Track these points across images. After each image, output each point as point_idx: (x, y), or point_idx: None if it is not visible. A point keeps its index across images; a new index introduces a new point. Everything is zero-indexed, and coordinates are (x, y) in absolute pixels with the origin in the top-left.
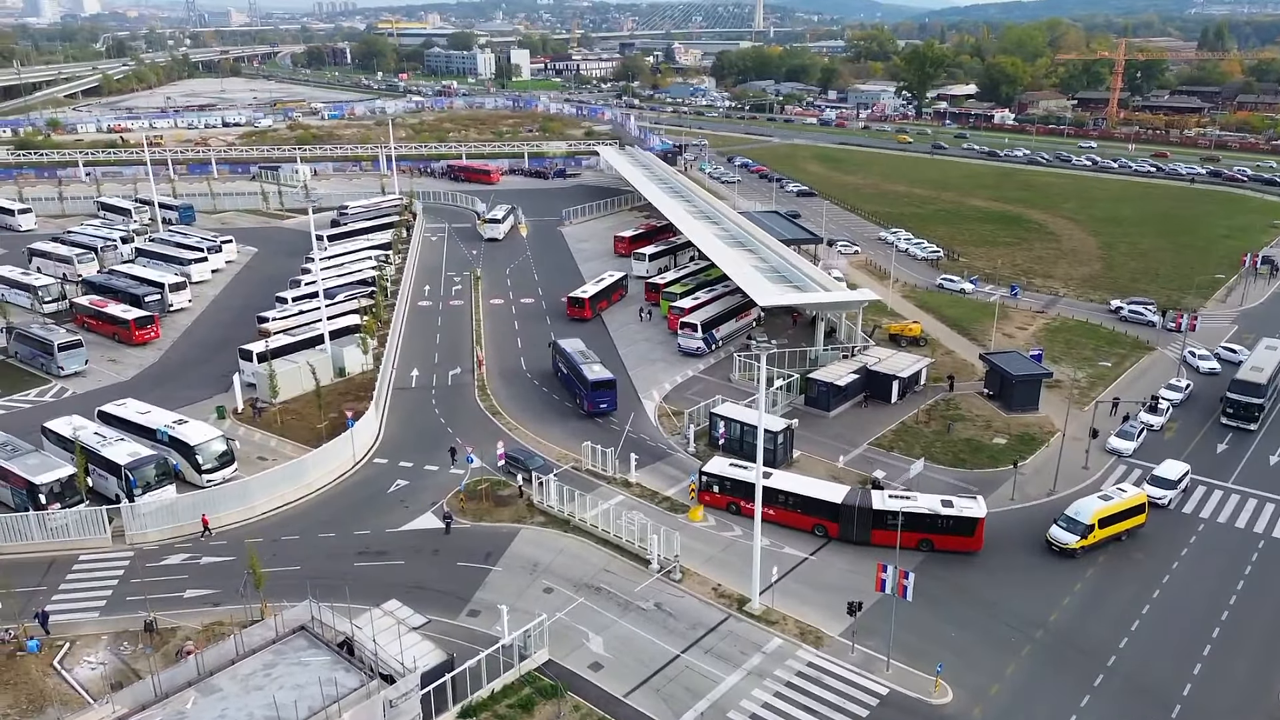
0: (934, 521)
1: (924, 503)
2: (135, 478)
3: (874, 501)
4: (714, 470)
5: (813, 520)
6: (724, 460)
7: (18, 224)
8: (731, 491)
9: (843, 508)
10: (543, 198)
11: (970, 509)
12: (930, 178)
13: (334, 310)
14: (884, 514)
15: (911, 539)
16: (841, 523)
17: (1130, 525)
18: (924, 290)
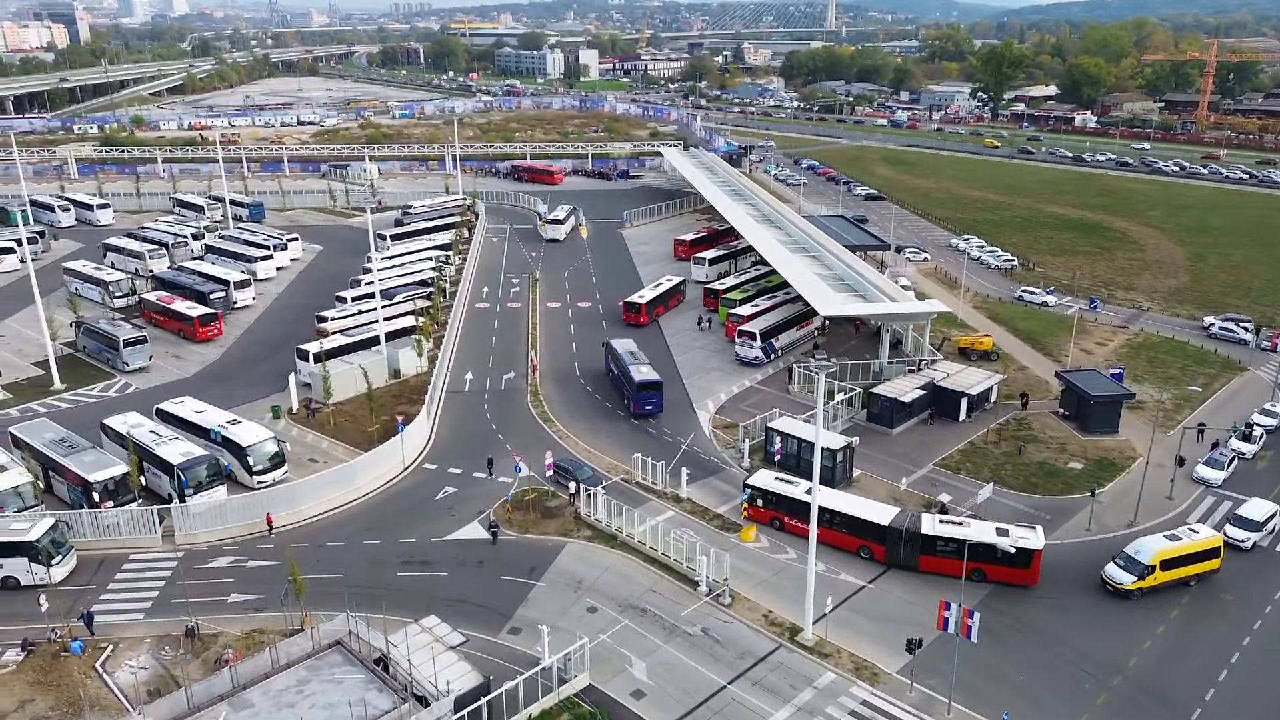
0: (987, 551)
1: (977, 530)
2: (187, 478)
3: (923, 526)
4: (759, 484)
5: (859, 541)
6: (769, 474)
7: (96, 219)
8: (776, 506)
9: (890, 530)
10: (604, 199)
11: (1027, 540)
12: (1006, 182)
13: (391, 311)
14: (933, 539)
15: (961, 567)
16: (888, 546)
17: (1201, 570)
18: (997, 301)
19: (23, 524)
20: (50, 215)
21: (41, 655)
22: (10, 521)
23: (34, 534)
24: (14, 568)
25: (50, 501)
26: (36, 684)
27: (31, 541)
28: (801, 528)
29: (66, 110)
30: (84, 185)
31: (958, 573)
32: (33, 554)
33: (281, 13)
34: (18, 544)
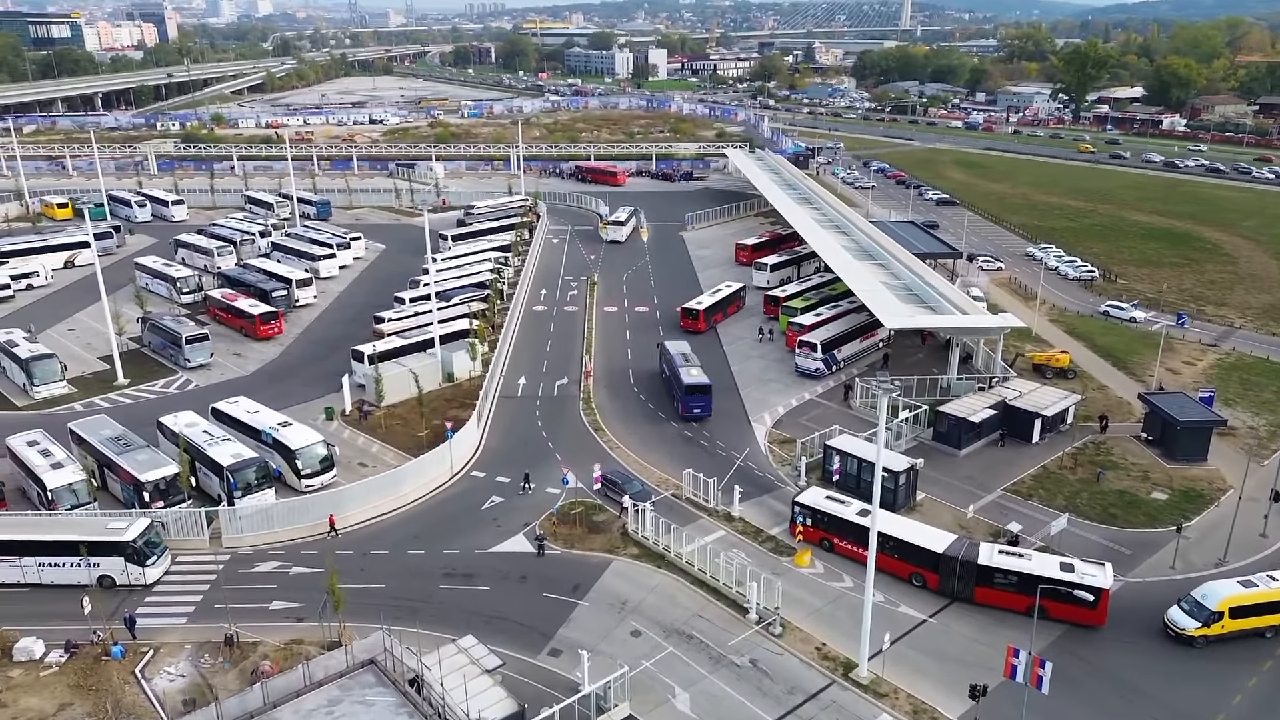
0: (1049, 586)
1: (1040, 563)
2: (236, 479)
3: (980, 556)
4: (808, 502)
5: (911, 568)
6: (820, 492)
7: (171, 214)
8: (825, 527)
9: (944, 558)
10: (667, 201)
11: (1094, 577)
12: (1086, 187)
13: (448, 313)
14: (991, 571)
15: (1021, 602)
16: (942, 574)
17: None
18: (1075, 314)
19: (120, 524)
20: (128, 210)
21: (83, 658)
22: (108, 520)
23: (130, 534)
24: (110, 567)
25: (104, 499)
26: (76, 688)
27: (128, 541)
28: (851, 550)
29: (151, 107)
30: (163, 181)
31: (1016, 608)
32: (129, 554)
33: (360, 13)
34: (114, 544)
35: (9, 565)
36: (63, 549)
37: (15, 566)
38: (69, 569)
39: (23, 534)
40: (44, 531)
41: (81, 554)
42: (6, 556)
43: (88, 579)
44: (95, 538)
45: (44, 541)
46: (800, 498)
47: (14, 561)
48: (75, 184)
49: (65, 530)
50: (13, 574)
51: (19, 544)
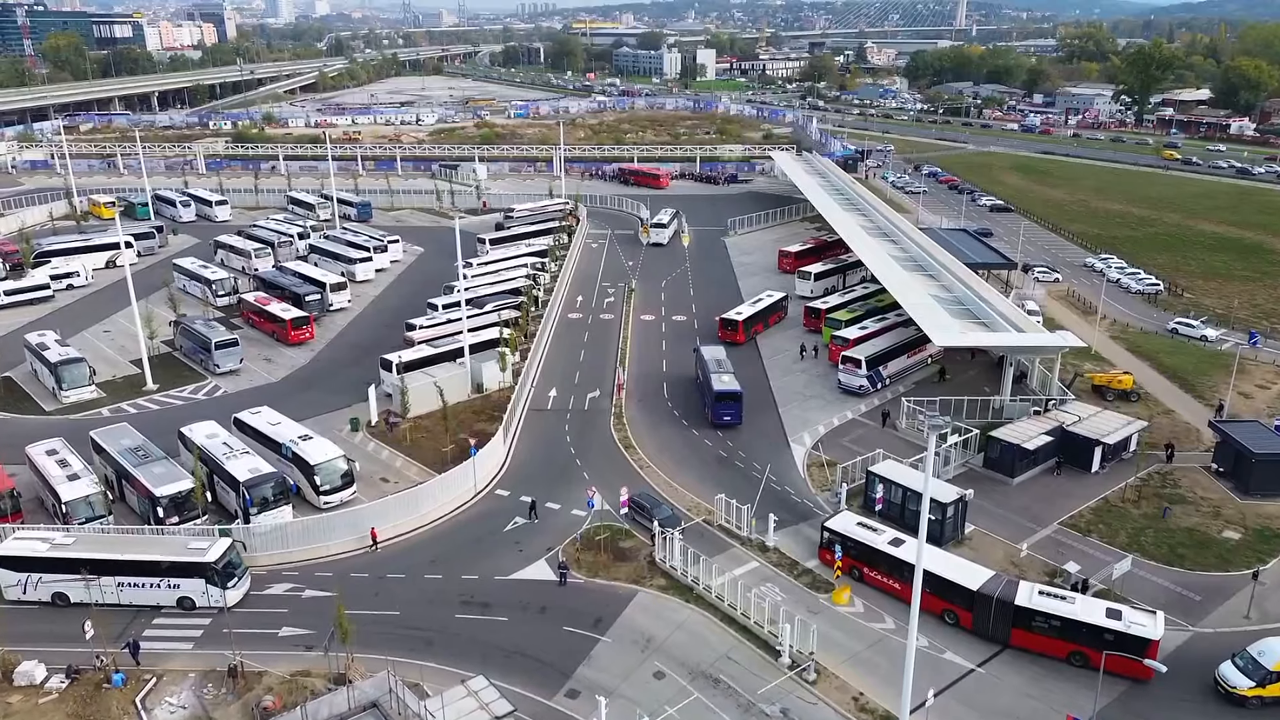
0: (1092, 633)
1: (1083, 608)
2: (251, 496)
3: (1018, 595)
4: (838, 528)
5: (944, 604)
6: (852, 517)
7: (215, 215)
8: (856, 555)
9: (979, 596)
10: (709, 205)
11: (1143, 627)
12: (1150, 195)
13: (481, 320)
14: (1029, 612)
15: (1061, 649)
16: (976, 613)
17: None
18: (1138, 331)
19: (200, 543)
20: (172, 210)
21: (84, 684)
22: (188, 540)
23: (212, 555)
24: (191, 588)
25: (121, 512)
26: (74, 716)
27: (210, 563)
28: (881, 580)
29: (205, 106)
30: (210, 181)
31: (1056, 653)
32: (210, 575)
33: (414, 13)
34: (196, 564)
35: (86, 585)
36: (142, 569)
37: (94, 586)
38: (148, 589)
39: (101, 552)
40: (122, 550)
41: (161, 574)
42: (85, 575)
43: (168, 600)
44: (176, 558)
45: (122, 561)
46: (830, 523)
47: (92, 580)
48: (124, 183)
49: (145, 549)
50: (90, 593)
51: (97, 563)
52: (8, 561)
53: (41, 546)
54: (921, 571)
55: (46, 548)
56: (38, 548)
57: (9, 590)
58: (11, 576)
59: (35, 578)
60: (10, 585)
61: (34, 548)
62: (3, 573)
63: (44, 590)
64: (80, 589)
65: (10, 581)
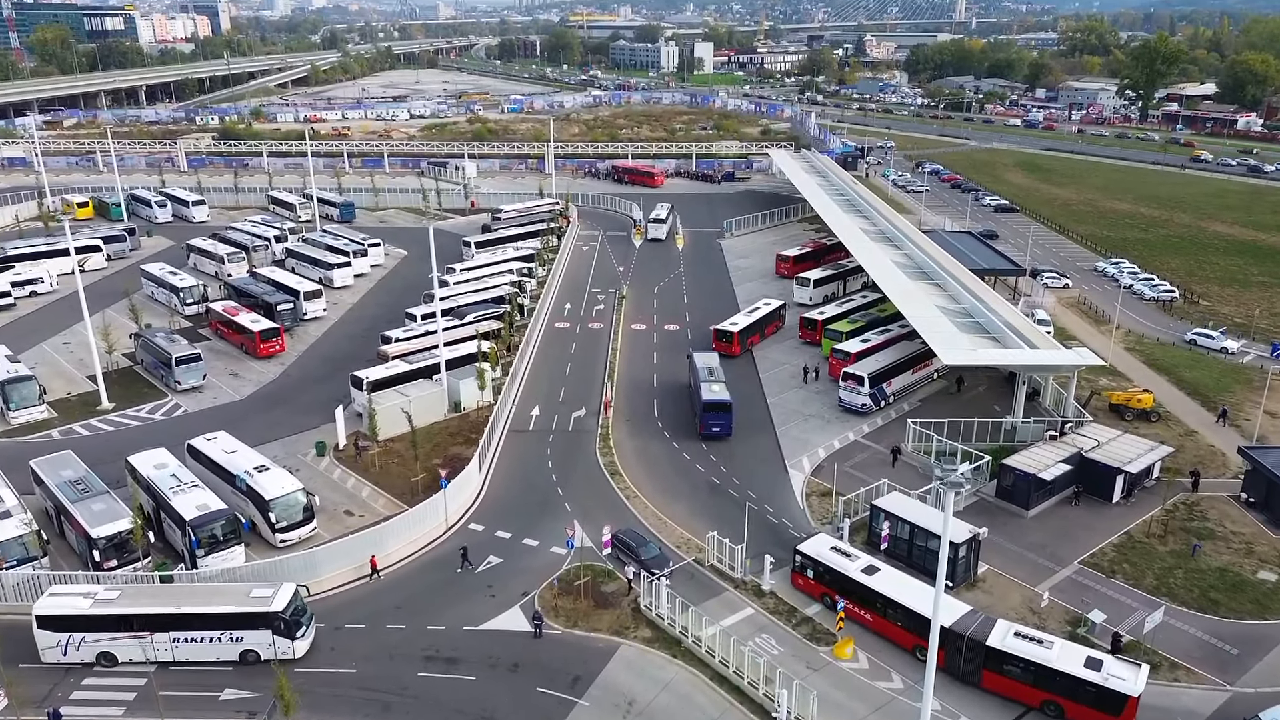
0: (1068, 683)
1: (1060, 654)
2: (197, 537)
3: (992, 636)
4: (811, 552)
5: (915, 639)
6: (826, 540)
7: (191, 215)
8: (827, 582)
9: (950, 633)
10: (706, 204)
11: (1121, 680)
12: (1160, 194)
13: (460, 332)
14: (1001, 655)
15: (1034, 696)
16: (948, 651)
17: None
18: (1154, 342)
19: (264, 591)
20: (148, 210)
21: None
22: (250, 588)
23: (278, 603)
24: (256, 641)
25: (60, 552)
26: None
27: (277, 612)
28: (853, 610)
29: (193, 101)
30: (192, 179)
31: (1029, 701)
32: (277, 625)
33: (411, 6)
34: (261, 615)
35: (138, 642)
36: (201, 623)
37: (145, 643)
38: (208, 644)
39: (153, 606)
40: (177, 603)
41: (223, 627)
42: (135, 632)
43: (230, 655)
44: (239, 609)
45: (178, 615)
46: (803, 546)
47: (143, 638)
48: (104, 181)
49: (203, 601)
50: (142, 651)
51: (148, 618)
52: (47, 621)
53: (83, 603)
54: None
55: (89, 604)
56: (79, 604)
57: (47, 653)
58: (50, 638)
59: (78, 638)
60: (49, 647)
61: (75, 604)
62: (41, 634)
63: (87, 651)
64: (131, 647)
65: (49, 643)
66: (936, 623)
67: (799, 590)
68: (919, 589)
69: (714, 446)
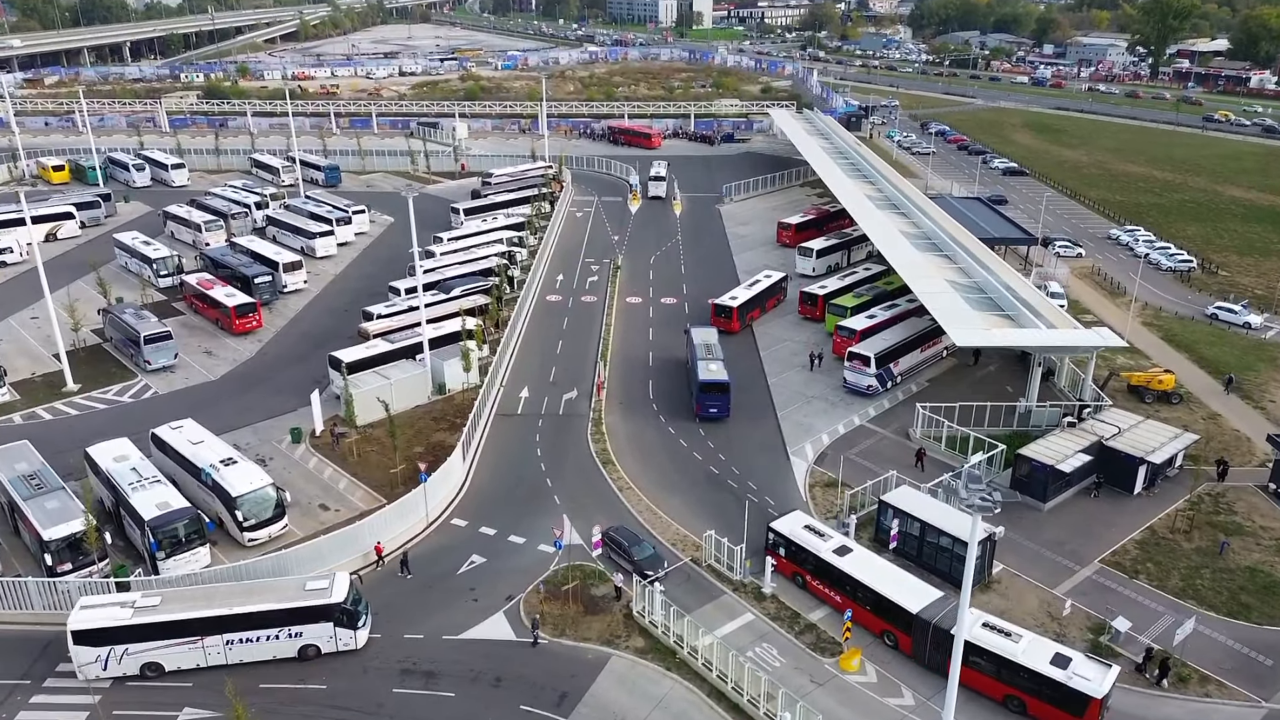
0: (1031, 678)
1: (1027, 649)
2: (157, 539)
3: (955, 625)
4: (784, 530)
5: (883, 625)
6: (801, 519)
7: (171, 179)
8: (800, 561)
9: (917, 621)
10: (704, 167)
11: (1085, 680)
12: (1173, 156)
13: (446, 307)
14: (966, 645)
15: (997, 690)
16: (915, 638)
17: None
18: (1172, 316)
19: (319, 583)
20: (126, 174)
21: None
22: (305, 580)
23: (338, 594)
24: (316, 635)
25: (15, 552)
26: None
27: (338, 604)
28: (823, 591)
29: (179, 57)
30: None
31: (992, 694)
32: (338, 617)
33: None
34: (322, 608)
35: (188, 648)
36: (257, 621)
37: (196, 648)
38: (264, 643)
39: (202, 610)
40: (229, 603)
41: (280, 624)
42: (184, 638)
43: (288, 652)
44: (298, 604)
45: (232, 616)
46: (776, 524)
47: (194, 643)
48: (82, 142)
49: (256, 599)
50: (192, 657)
51: (200, 623)
52: (84, 636)
53: (123, 613)
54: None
55: (130, 613)
56: (119, 615)
57: (86, 669)
58: (89, 653)
59: (120, 650)
60: (87, 663)
61: (114, 615)
62: (78, 650)
63: (131, 663)
64: (180, 654)
65: (87, 659)
66: (960, 638)
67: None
68: (891, 574)
69: (712, 432)
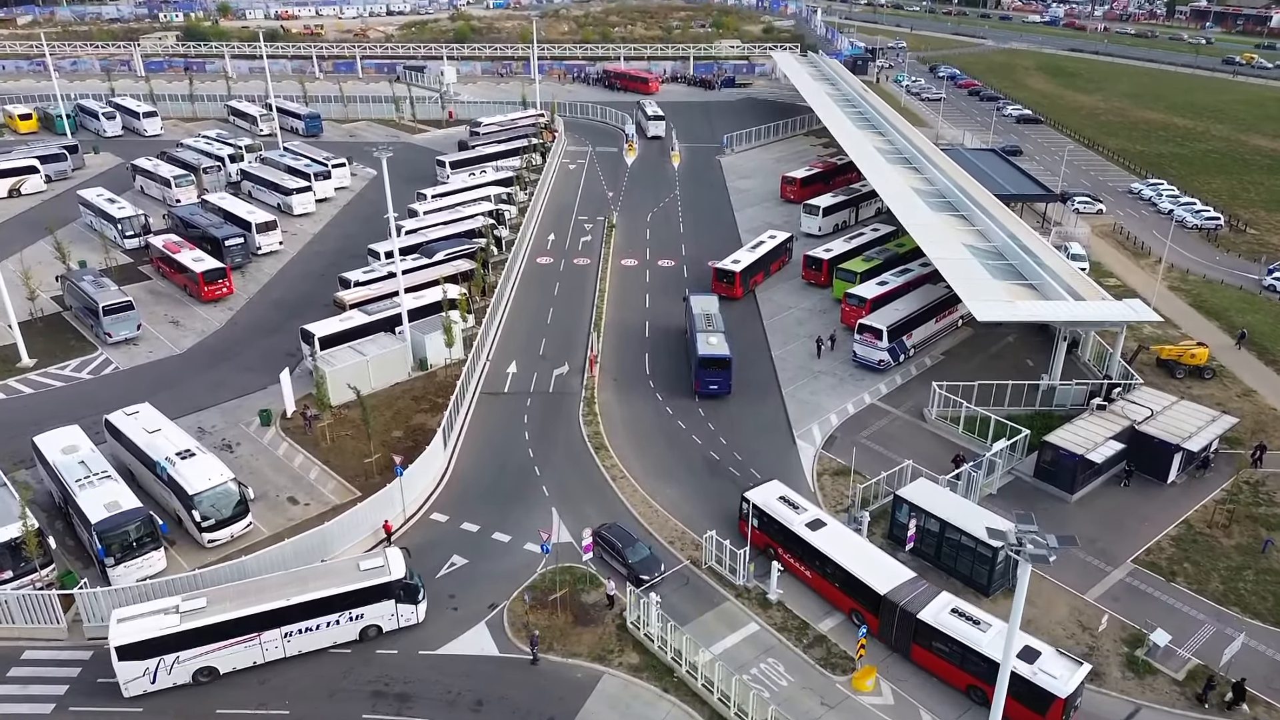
0: (993, 670)
1: (992, 639)
2: (104, 545)
3: (926, 609)
4: (758, 501)
5: (851, 604)
6: (777, 488)
7: (143, 128)
8: (772, 533)
9: (884, 602)
10: (703, 114)
11: (1050, 678)
12: (1193, 102)
13: (427, 273)
14: (930, 630)
15: (960, 679)
16: (882, 619)
17: None
18: (1200, 279)
19: (374, 561)
20: (96, 123)
21: None
22: (358, 560)
23: (397, 569)
24: (377, 614)
25: None
26: None
27: (398, 579)
28: (795, 566)
29: None
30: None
31: (954, 683)
32: (399, 594)
33: None
34: (382, 586)
35: (244, 647)
36: (315, 609)
37: (253, 646)
38: (325, 630)
39: (253, 606)
40: (285, 594)
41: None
42: (241, 637)
43: (349, 635)
44: (359, 585)
45: (292, 607)
46: (750, 493)
47: (251, 641)
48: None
49: (314, 586)
50: (249, 655)
51: (258, 618)
52: (130, 651)
53: (168, 620)
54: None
55: (176, 620)
56: (165, 623)
57: (131, 685)
58: (135, 667)
59: (170, 660)
60: (134, 679)
61: (160, 624)
62: (124, 667)
63: (182, 672)
64: (237, 654)
65: (133, 674)
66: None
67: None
68: (864, 551)
69: (712, 412)
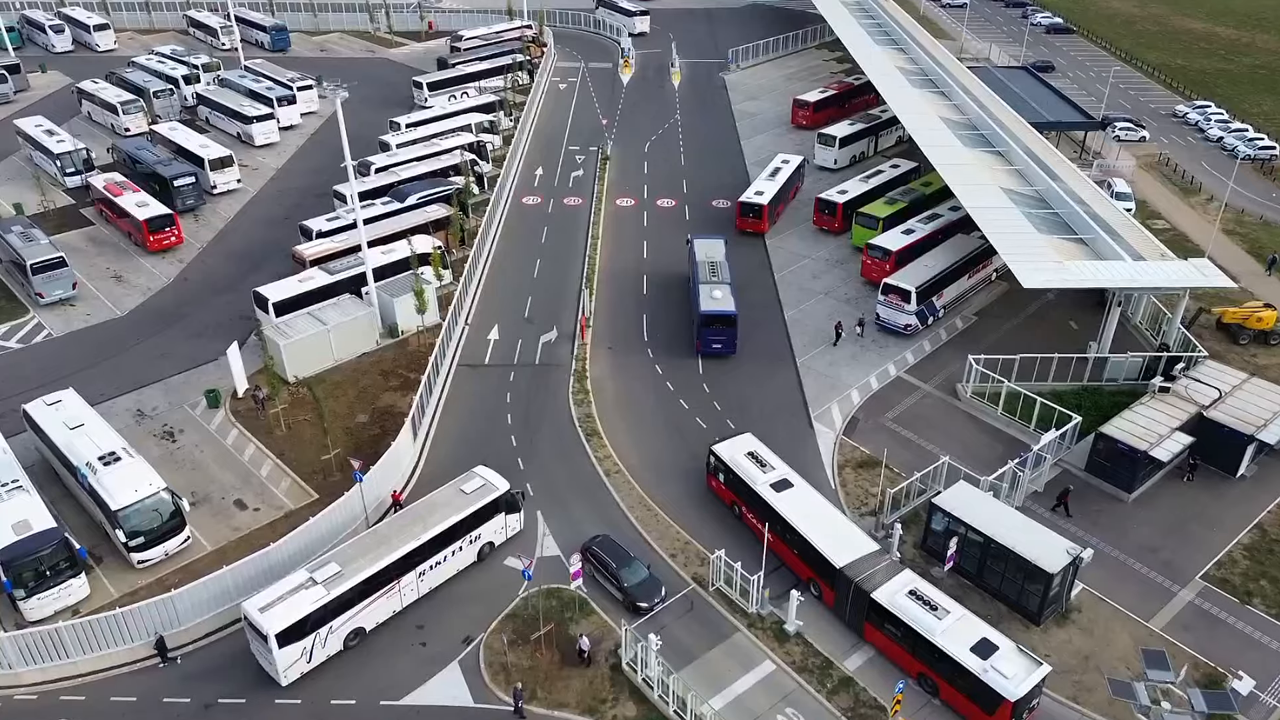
0: (945, 661)
1: (947, 628)
2: (9, 577)
3: (881, 589)
4: (725, 455)
5: (809, 573)
6: (748, 444)
7: (94, 43)
8: (737, 491)
9: (839, 575)
10: (706, 24)
11: (1000, 677)
12: (1236, 8)
13: (398, 221)
14: (883, 611)
15: (911, 665)
16: (837, 592)
17: None
18: (1257, 222)
19: (475, 481)
20: (44, 38)
21: None
22: (459, 484)
23: (501, 482)
24: (491, 532)
25: None
26: None
27: (506, 489)
28: (756, 526)
29: None
30: None
31: (906, 669)
32: (507, 505)
33: None
34: (495, 501)
35: (385, 599)
36: (443, 540)
37: (393, 595)
38: (452, 559)
39: (391, 553)
40: (415, 534)
41: (460, 534)
42: (382, 590)
43: (469, 559)
44: (477, 505)
45: (425, 544)
46: (718, 446)
47: (391, 590)
48: None
49: (438, 518)
50: (389, 605)
51: (398, 565)
52: (289, 635)
53: (315, 592)
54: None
55: (323, 591)
56: (314, 595)
57: (289, 671)
58: (294, 651)
59: (324, 633)
60: (291, 663)
61: (311, 598)
62: (283, 653)
63: (334, 641)
64: (379, 608)
65: (291, 658)
66: None
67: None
68: (828, 518)
69: (718, 387)
